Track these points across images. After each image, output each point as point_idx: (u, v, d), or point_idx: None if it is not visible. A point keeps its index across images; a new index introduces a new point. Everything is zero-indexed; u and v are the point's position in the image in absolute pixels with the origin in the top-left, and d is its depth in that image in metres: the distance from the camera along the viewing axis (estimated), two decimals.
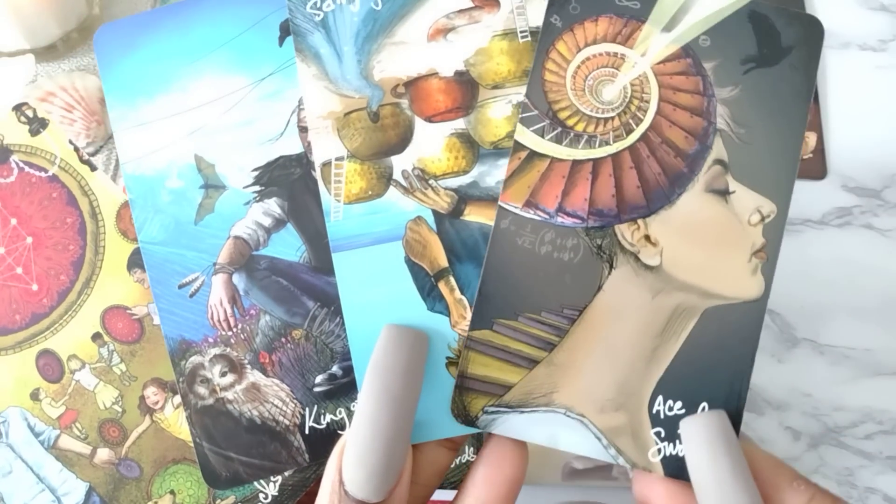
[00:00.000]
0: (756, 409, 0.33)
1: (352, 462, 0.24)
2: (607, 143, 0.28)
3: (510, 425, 0.26)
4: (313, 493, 0.27)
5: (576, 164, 0.28)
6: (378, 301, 0.28)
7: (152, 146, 0.32)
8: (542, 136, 0.28)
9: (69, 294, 0.33)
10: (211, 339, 0.30)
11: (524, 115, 0.28)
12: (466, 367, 0.27)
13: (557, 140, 0.28)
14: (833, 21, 0.34)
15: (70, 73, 0.43)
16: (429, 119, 0.32)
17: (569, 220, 0.27)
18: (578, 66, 0.28)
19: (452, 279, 0.29)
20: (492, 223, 0.28)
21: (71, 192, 0.34)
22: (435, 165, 0.31)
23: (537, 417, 0.26)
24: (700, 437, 0.24)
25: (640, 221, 0.27)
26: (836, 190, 0.41)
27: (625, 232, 0.27)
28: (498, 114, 0.32)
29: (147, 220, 0.31)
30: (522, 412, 0.26)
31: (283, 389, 0.30)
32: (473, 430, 0.27)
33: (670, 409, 0.26)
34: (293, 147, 0.31)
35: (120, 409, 0.32)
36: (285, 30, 0.33)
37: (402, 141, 0.32)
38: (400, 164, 0.31)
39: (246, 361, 0.30)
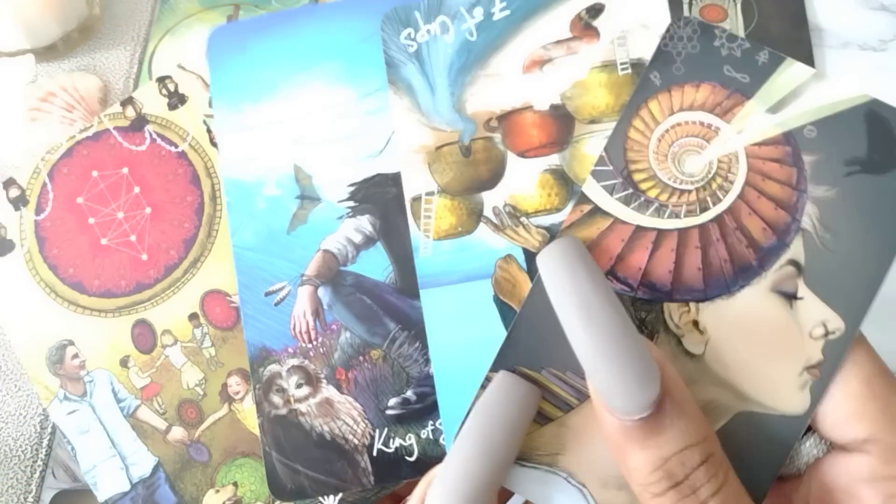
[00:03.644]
0: None
1: (437, 500, 0.25)
2: (677, 216, 0.29)
3: (509, 475, 0.28)
4: None
5: (639, 230, 0.29)
6: (465, 339, 0.31)
7: (253, 152, 0.35)
8: (611, 194, 0.29)
9: (175, 270, 0.35)
10: (291, 350, 0.33)
11: (598, 167, 0.30)
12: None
13: (626, 201, 0.29)
14: (833, 21, 0.31)
15: (70, 73, 0.44)
16: (522, 154, 0.34)
17: (617, 286, 0.28)
18: (667, 130, 0.29)
19: None
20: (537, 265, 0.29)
21: (196, 172, 0.36)
22: (527, 202, 0.33)
23: (537, 475, 0.27)
24: (556, 261, 0.25)
25: (692, 305, 0.28)
26: None
27: (673, 312, 0.28)
28: (594, 150, 0.33)
29: (241, 224, 0.33)
30: (523, 465, 0.27)
31: (356, 408, 0.32)
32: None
33: None
34: (391, 166, 0.34)
35: (201, 392, 0.34)
36: None
37: (494, 176, 0.34)
38: (491, 200, 0.33)
39: (322, 376, 0.32)
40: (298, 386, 0.32)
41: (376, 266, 0.33)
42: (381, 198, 0.33)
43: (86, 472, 0.35)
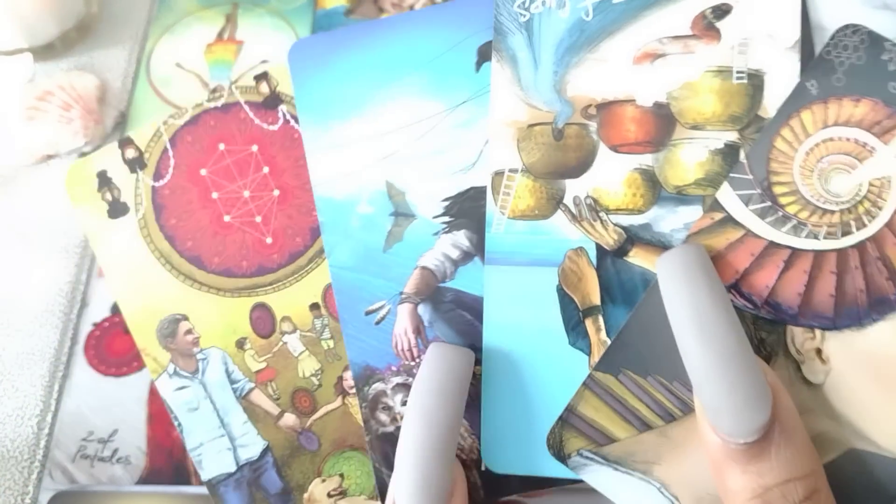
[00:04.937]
0: None
1: (399, 483, 0.24)
2: (815, 237, 0.25)
3: (600, 477, 0.26)
4: None
5: (771, 246, 0.25)
6: (520, 323, 0.28)
7: (344, 169, 0.32)
8: (746, 205, 0.26)
9: (300, 258, 0.32)
10: (394, 368, 0.30)
11: (735, 175, 0.26)
12: (578, 403, 0.27)
13: (761, 214, 0.25)
14: (835, 19, 0.30)
15: (68, 71, 0.42)
16: (615, 148, 0.30)
17: (740, 301, 0.25)
18: (817, 144, 0.25)
19: (601, 319, 0.28)
20: (656, 270, 0.26)
21: None
22: (609, 198, 0.29)
23: (630, 481, 0.25)
24: (677, 268, 0.24)
25: (817, 332, 0.25)
26: None
27: (797, 336, 0.25)
28: (690, 157, 0.29)
29: (337, 244, 0.31)
30: (617, 469, 0.26)
31: (462, 423, 0.29)
32: (566, 472, 0.27)
33: None
34: (485, 179, 0.31)
35: (317, 382, 0.31)
36: (483, 55, 0.32)
37: (582, 165, 0.30)
38: (573, 189, 0.30)
39: None
40: (404, 403, 0.30)
41: (475, 281, 0.30)
42: (476, 212, 0.30)
43: (191, 450, 0.32)
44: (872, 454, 0.24)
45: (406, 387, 0.30)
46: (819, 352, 0.24)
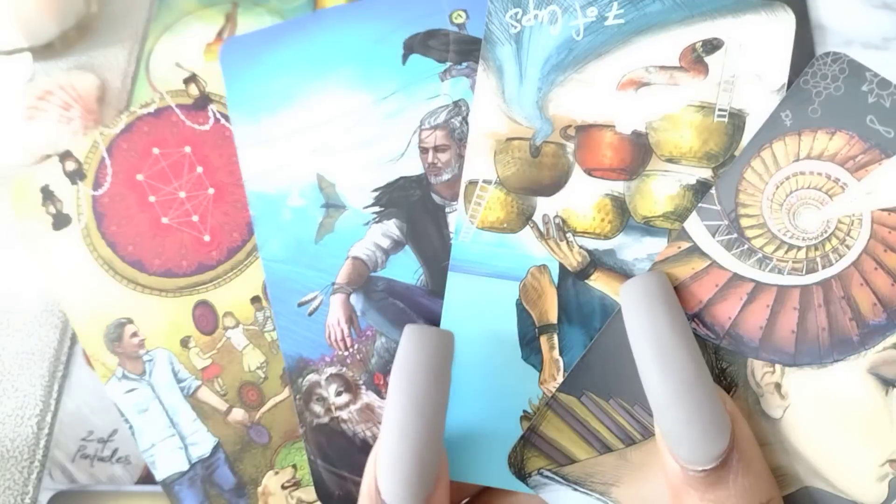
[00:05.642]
0: None
1: (384, 469, 0.23)
2: (779, 272, 0.25)
3: (558, 496, 0.26)
4: None
5: (735, 278, 0.25)
6: (477, 332, 0.28)
7: (275, 164, 0.32)
8: (713, 236, 0.25)
9: (238, 253, 0.32)
10: (328, 359, 0.30)
11: (704, 205, 0.26)
12: (540, 423, 0.26)
13: (727, 246, 0.25)
14: (835, 19, 0.31)
15: (68, 71, 0.43)
16: (589, 171, 0.30)
17: (702, 331, 0.25)
18: (787, 178, 0.25)
19: (556, 338, 0.28)
20: (615, 296, 0.27)
21: None
22: (578, 220, 0.29)
23: (588, 502, 0.25)
24: (639, 296, 0.24)
25: (777, 367, 0.24)
26: None
27: (756, 370, 0.24)
28: (662, 190, 0.29)
29: (269, 237, 0.31)
30: (576, 489, 0.25)
31: None
32: (524, 488, 0.26)
33: None
34: (414, 168, 0.31)
35: (263, 375, 0.32)
36: (409, 48, 0.32)
37: (555, 184, 0.30)
38: (544, 207, 0.29)
39: (361, 382, 0.30)
40: (338, 394, 0.30)
41: (406, 269, 0.30)
42: (406, 201, 0.31)
43: (144, 451, 0.32)
44: (828, 494, 0.23)
45: (340, 377, 0.30)
46: (778, 386, 0.24)
